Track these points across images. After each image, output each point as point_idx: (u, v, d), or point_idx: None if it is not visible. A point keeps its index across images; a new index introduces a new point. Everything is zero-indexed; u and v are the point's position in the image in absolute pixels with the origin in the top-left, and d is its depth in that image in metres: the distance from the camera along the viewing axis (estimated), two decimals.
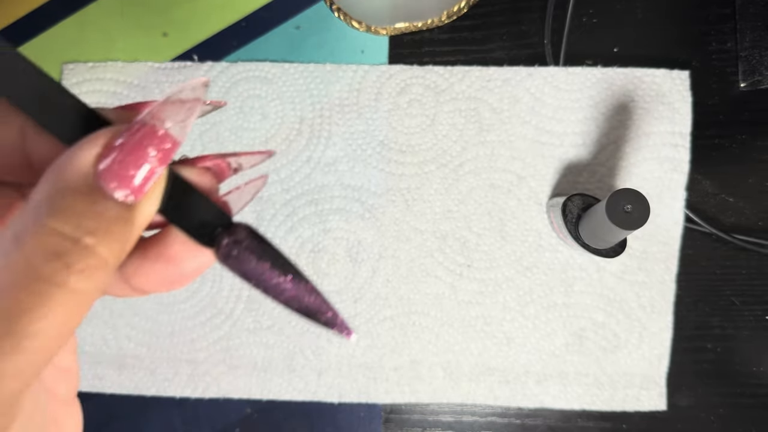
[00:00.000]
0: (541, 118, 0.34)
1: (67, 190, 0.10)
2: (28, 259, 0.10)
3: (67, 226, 0.10)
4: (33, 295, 0.10)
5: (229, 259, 0.13)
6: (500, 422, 0.34)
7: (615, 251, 0.30)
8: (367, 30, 0.34)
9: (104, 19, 0.36)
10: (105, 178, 0.10)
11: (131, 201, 0.11)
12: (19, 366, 0.10)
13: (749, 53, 0.34)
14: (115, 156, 0.11)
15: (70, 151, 0.11)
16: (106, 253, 0.11)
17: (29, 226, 0.10)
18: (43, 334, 0.10)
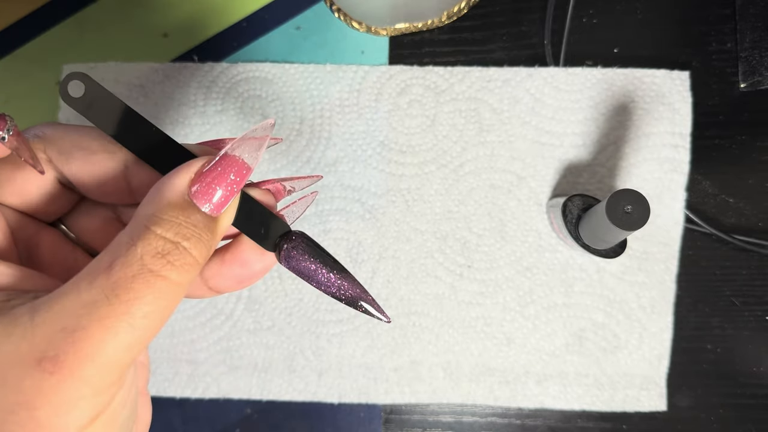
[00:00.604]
0: (541, 118, 0.34)
1: (169, 205, 0.14)
2: (141, 257, 0.13)
3: (169, 232, 0.14)
4: (145, 285, 0.13)
5: (289, 260, 0.16)
6: (500, 423, 0.34)
7: (615, 252, 0.30)
8: (368, 30, 0.34)
9: (104, 20, 0.36)
10: (196, 196, 0.14)
11: (215, 214, 0.15)
12: (131, 342, 0.13)
13: (749, 54, 0.34)
14: (204, 179, 0.14)
15: (170, 176, 0.14)
16: (197, 254, 0.14)
17: (141, 232, 0.13)
18: (152, 316, 0.13)
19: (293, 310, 0.34)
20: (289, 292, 0.34)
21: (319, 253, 0.17)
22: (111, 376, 0.13)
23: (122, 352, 0.13)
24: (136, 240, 0.13)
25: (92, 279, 0.13)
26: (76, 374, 0.13)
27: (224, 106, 0.35)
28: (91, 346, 0.13)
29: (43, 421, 0.13)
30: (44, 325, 0.13)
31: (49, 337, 0.13)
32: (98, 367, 0.13)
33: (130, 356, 0.13)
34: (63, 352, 0.12)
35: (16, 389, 0.13)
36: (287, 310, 0.34)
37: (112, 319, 0.13)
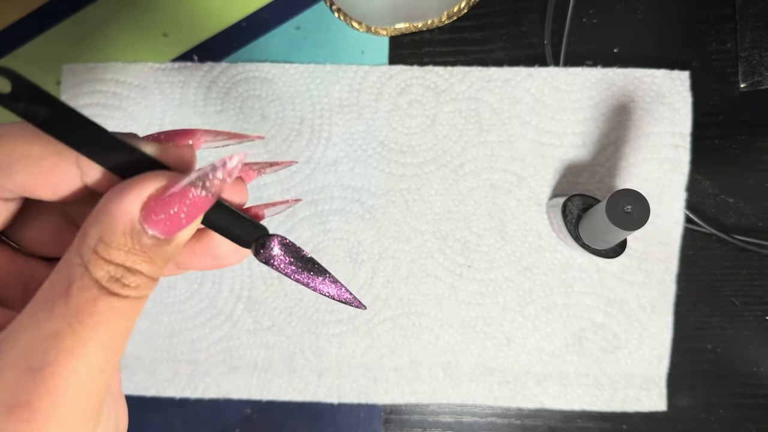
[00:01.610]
0: (541, 118, 0.34)
1: (118, 232, 0.13)
2: (98, 281, 0.13)
3: (119, 259, 0.13)
4: (107, 307, 0.13)
5: (268, 263, 0.16)
6: (500, 423, 0.34)
7: (615, 252, 0.30)
8: (368, 30, 0.34)
9: (104, 20, 0.36)
10: (148, 221, 0.13)
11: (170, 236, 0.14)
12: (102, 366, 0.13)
13: (749, 54, 0.34)
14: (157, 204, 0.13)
15: (119, 197, 0.13)
16: (151, 273, 0.13)
17: (91, 257, 0.13)
18: (118, 335, 0.13)
19: (293, 310, 0.34)
20: (289, 292, 0.34)
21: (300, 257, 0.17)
22: (89, 408, 0.13)
23: (95, 378, 0.13)
24: (87, 264, 0.13)
25: (50, 308, 0.12)
26: (53, 416, 0.12)
27: (224, 106, 0.35)
28: (62, 381, 0.12)
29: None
30: (9, 369, 0.12)
31: (16, 381, 0.12)
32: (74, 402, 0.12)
33: (102, 381, 0.13)
34: (36, 396, 0.12)
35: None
36: (287, 310, 0.34)
37: (80, 347, 0.12)
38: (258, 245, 0.16)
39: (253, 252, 0.16)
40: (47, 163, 0.14)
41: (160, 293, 0.34)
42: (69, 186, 0.14)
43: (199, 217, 0.14)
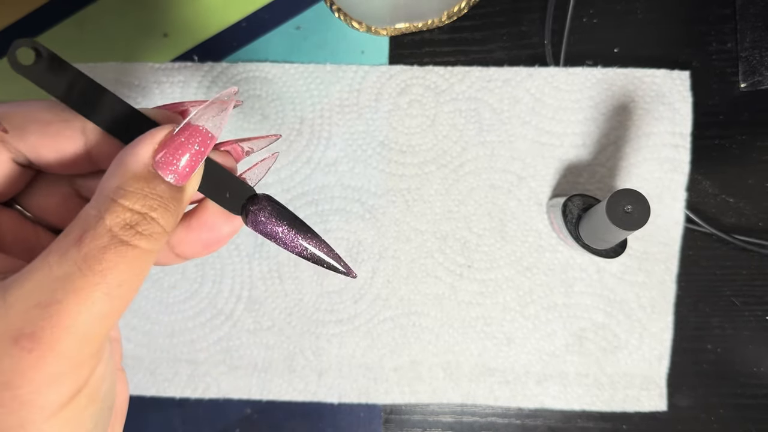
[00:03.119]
0: (541, 118, 0.34)
1: (134, 177, 0.14)
2: (110, 229, 0.13)
3: (136, 204, 0.14)
4: (117, 255, 0.13)
5: (256, 224, 0.17)
6: (500, 423, 0.34)
7: (615, 252, 0.30)
8: (368, 30, 0.34)
9: (104, 19, 0.36)
10: (160, 166, 0.14)
11: (180, 183, 0.15)
12: (107, 311, 0.13)
13: (749, 53, 0.34)
14: (167, 149, 0.14)
15: (133, 147, 0.14)
16: (164, 223, 0.14)
17: (108, 205, 0.13)
18: (125, 285, 0.14)
19: (293, 310, 0.34)
20: (289, 292, 0.34)
21: (285, 215, 0.17)
22: (90, 348, 0.14)
23: (99, 322, 0.13)
24: (103, 213, 0.13)
25: (63, 253, 0.13)
26: (56, 349, 0.13)
27: None
28: (68, 318, 0.13)
29: (25, 400, 0.13)
30: (18, 303, 0.13)
31: (24, 314, 0.13)
32: (76, 339, 0.13)
33: (106, 326, 0.14)
34: (40, 328, 0.13)
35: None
36: (287, 310, 0.34)
37: (87, 290, 0.13)
38: (245, 208, 0.17)
39: (243, 217, 0.17)
40: (54, 128, 0.15)
41: (160, 293, 0.34)
42: (73, 149, 0.16)
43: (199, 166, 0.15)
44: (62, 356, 0.13)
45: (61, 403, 0.13)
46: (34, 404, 0.13)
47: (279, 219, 0.17)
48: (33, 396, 0.13)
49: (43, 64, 0.15)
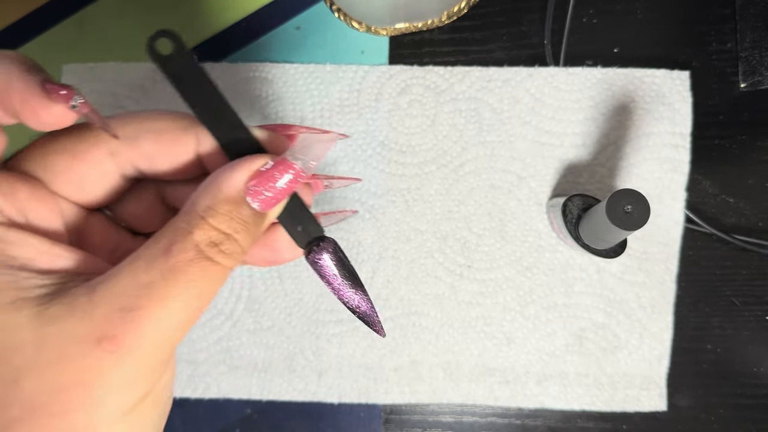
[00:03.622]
0: (541, 118, 0.34)
1: (225, 200, 0.15)
2: (197, 244, 0.14)
3: (222, 225, 0.15)
4: (200, 269, 0.14)
5: (315, 264, 0.18)
6: (500, 423, 0.34)
7: (615, 252, 0.30)
8: (368, 30, 0.34)
9: (104, 19, 0.36)
10: (250, 193, 0.15)
11: (264, 211, 0.16)
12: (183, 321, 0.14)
13: (749, 54, 0.34)
14: (260, 180, 0.15)
15: (229, 172, 0.15)
16: (244, 243, 0.15)
17: (197, 222, 0.14)
18: (203, 297, 0.14)
19: (293, 310, 0.34)
20: (289, 292, 0.34)
21: (343, 265, 0.18)
22: (163, 356, 0.14)
23: (174, 331, 0.14)
24: (192, 228, 0.14)
25: (150, 261, 0.14)
26: (134, 353, 0.13)
27: None
28: (148, 325, 0.13)
29: (99, 399, 0.13)
30: (103, 305, 0.13)
31: (109, 317, 0.13)
32: (154, 346, 0.14)
33: (180, 336, 0.14)
34: (122, 332, 0.13)
35: (75, 368, 0.13)
36: (287, 310, 0.34)
37: (169, 299, 0.14)
38: (312, 246, 0.18)
39: (306, 251, 0.18)
40: (170, 136, 0.16)
41: None
42: (185, 158, 0.17)
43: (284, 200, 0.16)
44: (139, 361, 0.14)
45: (131, 406, 0.14)
46: (108, 405, 0.13)
47: (337, 267, 0.18)
48: (107, 397, 0.13)
49: (179, 60, 0.15)
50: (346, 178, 0.20)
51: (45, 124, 0.15)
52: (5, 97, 0.14)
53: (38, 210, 0.16)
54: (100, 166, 0.16)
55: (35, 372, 0.13)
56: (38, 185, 0.16)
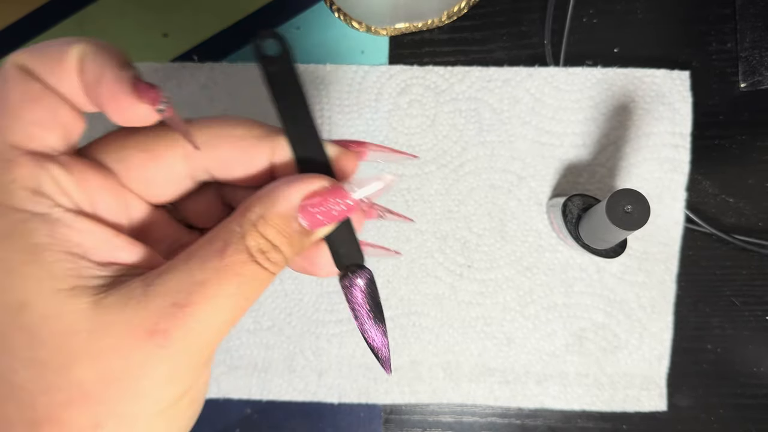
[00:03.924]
0: (541, 118, 0.34)
1: (277, 214, 0.15)
2: (249, 248, 0.15)
3: (271, 235, 0.15)
4: (251, 272, 0.15)
5: (347, 290, 0.18)
6: (500, 423, 0.34)
7: (615, 252, 0.30)
8: (368, 30, 0.34)
9: (104, 19, 0.36)
10: (302, 211, 0.16)
11: (311, 230, 0.16)
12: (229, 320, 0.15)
13: (749, 53, 0.34)
14: (314, 201, 0.16)
15: (287, 187, 0.16)
16: (288, 255, 0.16)
17: (249, 229, 0.15)
18: (250, 298, 0.15)
19: (293, 310, 0.34)
20: (289, 292, 0.34)
21: (373, 298, 0.18)
22: (206, 354, 0.15)
23: (219, 330, 0.14)
24: (245, 234, 0.15)
25: (204, 261, 0.14)
26: (182, 349, 0.14)
27: (225, 106, 0.35)
28: (199, 322, 0.14)
29: (145, 391, 0.14)
30: (157, 299, 0.14)
31: (161, 311, 0.14)
32: (200, 343, 0.14)
33: (223, 335, 0.15)
34: (174, 326, 0.13)
35: (126, 358, 0.13)
36: (287, 310, 0.34)
37: (220, 297, 0.14)
38: (349, 270, 0.18)
39: (341, 273, 0.18)
40: (246, 144, 0.17)
41: None
42: (258, 166, 0.17)
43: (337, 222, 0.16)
44: (186, 356, 0.14)
45: (171, 402, 0.14)
46: (151, 398, 0.14)
47: (367, 298, 0.18)
48: (152, 390, 0.14)
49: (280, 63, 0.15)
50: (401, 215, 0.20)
51: (127, 121, 0.15)
52: (95, 87, 0.14)
53: (107, 201, 0.16)
54: (173, 168, 0.17)
55: (87, 359, 0.13)
56: (110, 177, 0.16)
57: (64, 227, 0.14)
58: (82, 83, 0.15)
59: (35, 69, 0.14)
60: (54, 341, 0.13)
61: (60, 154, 0.15)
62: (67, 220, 0.14)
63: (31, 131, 0.14)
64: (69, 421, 0.13)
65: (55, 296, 0.14)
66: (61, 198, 0.14)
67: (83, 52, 0.15)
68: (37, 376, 0.13)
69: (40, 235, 0.14)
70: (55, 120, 0.15)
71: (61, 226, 0.14)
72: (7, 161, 0.14)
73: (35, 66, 0.14)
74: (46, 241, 0.14)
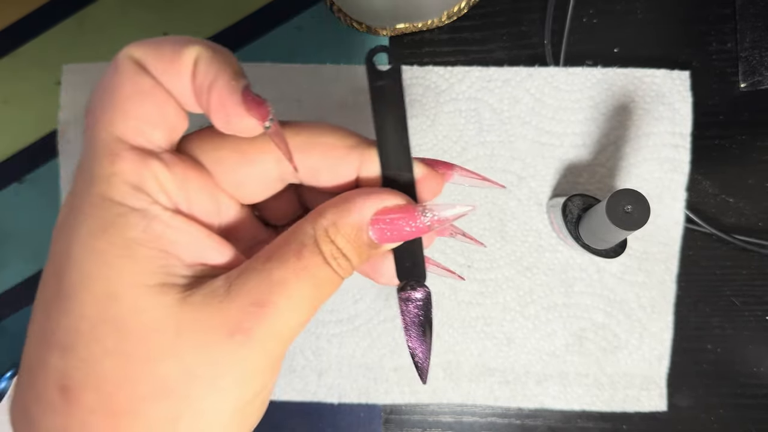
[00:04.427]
0: (541, 118, 0.34)
1: (350, 224, 0.15)
2: (323, 252, 0.15)
3: (340, 243, 0.15)
4: (326, 274, 0.15)
5: (403, 301, 0.18)
6: (500, 423, 0.34)
7: (615, 252, 0.30)
8: (368, 30, 0.34)
9: (104, 19, 0.36)
10: (373, 224, 0.16)
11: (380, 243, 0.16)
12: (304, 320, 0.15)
13: (749, 53, 0.34)
14: (386, 216, 0.16)
15: (363, 199, 0.16)
16: (355, 264, 0.16)
17: (321, 233, 0.15)
18: (322, 299, 0.15)
19: None
20: None
21: (426, 316, 0.18)
22: (282, 352, 0.15)
23: (295, 328, 0.15)
24: (318, 237, 0.15)
25: (283, 261, 0.15)
26: (262, 346, 0.14)
27: None
28: (277, 320, 0.14)
29: (225, 388, 0.14)
30: (238, 299, 0.14)
31: (243, 310, 0.14)
32: (278, 342, 0.14)
33: (296, 334, 0.15)
34: (254, 325, 0.14)
35: (208, 356, 0.14)
36: None
37: (297, 297, 0.14)
38: (409, 284, 0.18)
39: (400, 285, 0.18)
40: (338, 153, 0.17)
41: None
42: (346, 175, 0.17)
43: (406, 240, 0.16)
44: (264, 355, 0.14)
45: (247, 400, 0.15)
46: (229, 395, 0.14)
47: (421, 315, 0.18)
48: (231, 387, 0.14)
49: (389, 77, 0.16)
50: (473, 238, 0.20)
51: (231, 130, 0.15)
52: (205, 92, 0.14)
53: (202, 201, 0.16)
54: (266, 172, 0.17)
55: (172, 355, 0.14)
56: (207, 177, 0.16)
57: (160, 225, 0.14)
58: (193, 85, 0.15)
59: (148, 64, 0.14)
60: (139, 335, 0.14)
61: (163, 152, 0.15)
62: (164, 218, 0.15)
63: (137, 126, 0.15)
64: (148, 414, 0.14)
65: (145, 291, 0.14)
66: (160, 196, 0.15)
67: (199, 55, 0.15)
68: (120, 367, 0.14)
69: (137, 230, 0.14)
70: (163, 117, 0.15)
71: (158, 224, 0.14)
72: (111, 154, 0.14)
73: (149, 61, 0.14)
74: (141, 237, 0.14)
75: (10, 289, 0.35)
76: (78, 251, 0.14)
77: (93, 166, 0.14)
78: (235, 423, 0.15)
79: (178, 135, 0.16)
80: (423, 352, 0.18)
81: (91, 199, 0.14)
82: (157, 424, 0.14)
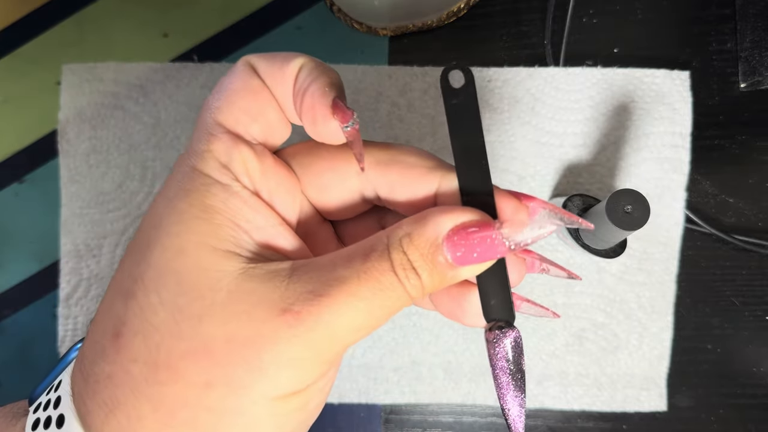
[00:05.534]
0: (541, 118, 0.34)
1: (423, 237, 0.15)
2: (392, 260, 0.15)
3: (411, 255, 0.15)
4: (390, 282, 0.15)
5: (491, 344, 0.16)
6: (500, 423, 0.34)
7: (615, 252, 0.30)
8: (368, 30, 0.34)
9: (104, 19, 0.36)
10: (447, 241, 0.15)
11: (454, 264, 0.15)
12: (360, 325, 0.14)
13: (749, 54, 0.34)
14: (461, 235, 0.15)
15: (440, 214, 0.15)
16: (426, 283, 0.15)
17: (395, 244, 0.15)
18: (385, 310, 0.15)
19: None
20: None
21: (517, 362, 0.17)
22: (330, 352, 0.15)
23: (348, 330, 0.14)
24: (390, 248, 0.15)
25: (349, 260, 0.15)
26: (308, 335, 0.14)
27: None
28: (330, 313, 0.14)
29: (263, 365, 0.14)
30: (298, 283, 0.14)
31: (298, 294, 0.14)
32: (327, 336, 0.14)
33: (353, 338, 0.15)
34: (306, 311, 0.14)
35: (256, 329, 0.14)
36: None
37: (355, 298, 0.14)
38: (497, 326, 0.17)
39: (488, 326, 0.17)
40: (417, 172, 0.17)
41: None
42: (423, 195, 0.17)
43: (481, 264, 0.15)
44: (311, 346, 0.14)
45: (285, 392, 0.14)
46: (267, 377, 0.14)
47: (512, 360, 0.16)
48: (270, 367, 0.14)
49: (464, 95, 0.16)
50: (569, 271, 0.19)
51: (317, 132, 0.16)
52: (301, 94, 0.16)
53: (283, 197, 0.17)
54: (347, 181, 0.18)
55: (219, 316, 0.14)
56: (292, 178, 0.17)
57: (239, 201, 0.15)
58: (293, 90, 0.16)
59: (260, 69, 0.17)
60: (195, 291, 0.14)
61: (257, 144, 0.16)
62: (244, 195, 0.16)
63: (239, 116, 0.16)
64: (184, 372, 0.14)
65: (211, 252, 0.15)
66: (244, 177, 0.16)
67: (303, 64, 0.17)
68: (170, 319, 0.14)
69: (217, 199, 0.15)
70: (263, 114, 0.16)
71: (237, 199, 0.15)
72: (208, 134, 0.16)
73: (261, 67, 0.17)
74: (219, 206, 0.15)
75: (10, 289, 0.35)
76: (161, 209, 0.15)
77: (194, 143, 0.16)
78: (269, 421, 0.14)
79: (276, 139, 0.17)
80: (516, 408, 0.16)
81: (184, 169, 0.16)
82: (190, 387, 0.14)
